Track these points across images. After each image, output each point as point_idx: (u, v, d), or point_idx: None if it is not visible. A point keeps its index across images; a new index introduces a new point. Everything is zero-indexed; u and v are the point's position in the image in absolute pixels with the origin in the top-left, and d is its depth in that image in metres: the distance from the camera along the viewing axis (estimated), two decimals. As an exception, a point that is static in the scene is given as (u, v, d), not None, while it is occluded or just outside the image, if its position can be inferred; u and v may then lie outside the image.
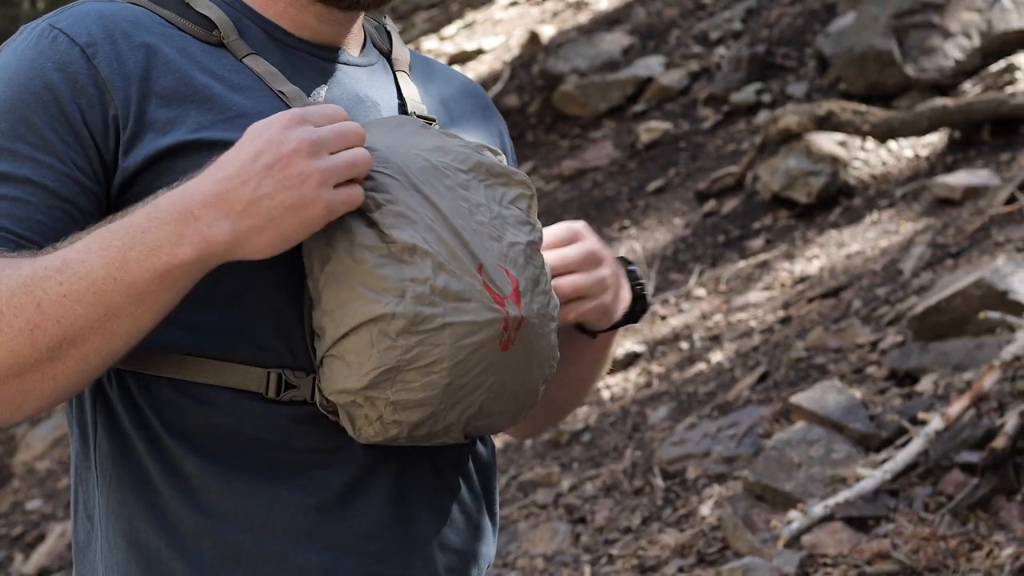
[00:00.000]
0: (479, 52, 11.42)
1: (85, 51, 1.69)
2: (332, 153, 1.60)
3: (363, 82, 1.85)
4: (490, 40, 11.61)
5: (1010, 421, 4.67)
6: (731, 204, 8.18)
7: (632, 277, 1.92)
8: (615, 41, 10.22)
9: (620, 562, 5.15)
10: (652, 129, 9.20)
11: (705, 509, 5.26)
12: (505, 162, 1.78)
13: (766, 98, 8.98)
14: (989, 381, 4.88)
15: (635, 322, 1.93)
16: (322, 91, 1.79)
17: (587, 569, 5.24)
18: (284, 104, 1.74)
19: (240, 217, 1.56)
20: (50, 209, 1.64)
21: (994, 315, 5.08)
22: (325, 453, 1.73)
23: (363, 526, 1.74)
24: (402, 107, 1.88)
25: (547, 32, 11.14)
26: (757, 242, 7.74)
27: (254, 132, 1.60)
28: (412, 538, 1.78)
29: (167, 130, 1.68)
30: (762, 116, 8.80)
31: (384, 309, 1.61)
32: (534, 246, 1.73)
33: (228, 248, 1.58)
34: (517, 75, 10.67)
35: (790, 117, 7.86)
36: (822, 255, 7.29)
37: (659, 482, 5.62)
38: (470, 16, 12.51)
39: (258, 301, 1.70)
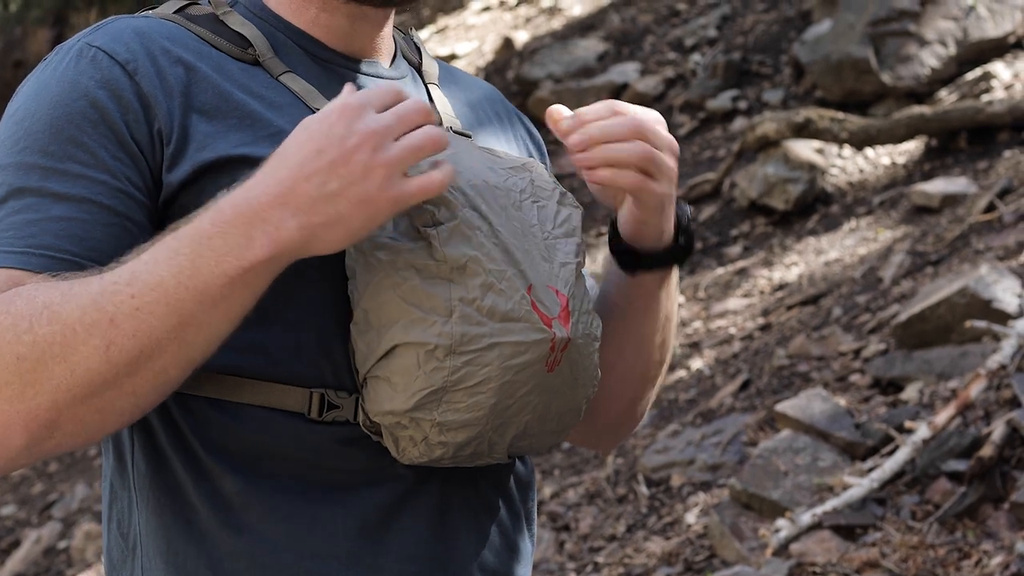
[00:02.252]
0: (452, 57, 11.41)
1: (126, 68, 1.66)
2: (397, 139, 1.56)
3: None
4: (463, 46, 11.60)
5: (997, 430, 4.69)
6: (708, 211, 8.19)
7: (679, 208, 1.83)
8: (590, 47, 10.23)
9: (606, 570, 5.15)
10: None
11: (691, 517, 5.27)
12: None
13: (742, 105, 9.00)
14: (975, 389, 4.89)
15: (680, 262, 1.84)
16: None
17: (573, 577, 5.24)
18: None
19: (308, 215, 1.53)
20: (108, 227, 1.61)
21: (980, 324, 5.10)
22: (367, 473, 1.71)
23: (403, 548, 1.72)
24: (437, 122, 1.87)
25: (521, 38, 11.14)
26: (735, 249, 7.75)
27: (313, 125, 1.56)
28: (452, 560, 1.76)
29: (209, 144, 1.66)
30: (738, 123, 8.82)
31: (431, 328, 1.59)
32: (581, 266, 1.72)
33: (299, 246, 1.54)
34: (491, 81, 10.67)
35: (768, 124, 7.88)
36: (800, 262, 7.31)
37: (643, 490, 5.62)
38: (442, 21, 12.50)
39: (300, 319, 1.67)
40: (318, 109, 1.71)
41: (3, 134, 1.67)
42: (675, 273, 1.87)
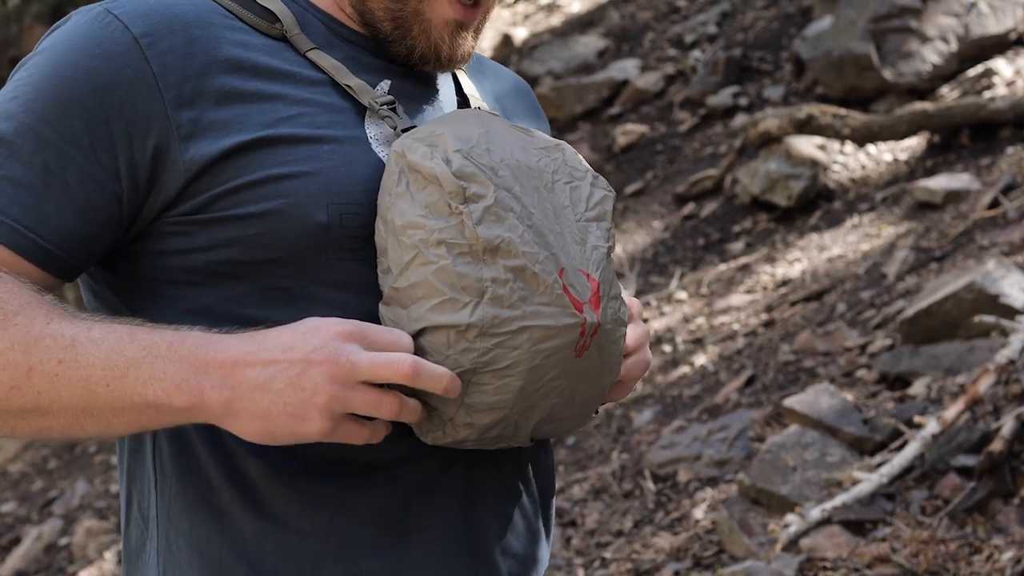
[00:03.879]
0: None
1: (139, 41, 1.63)
2: (361, 382, 1.55)
3: (423, 77, 1.83)
4: (462, 42, 11.58)
5: (1006, 425, 4.68)
6: (710, 207, 8.18)
7: None
8: (589, 44, 10.22)
9: (614, 565, 5.14)
10: (628, 132, 9.20)
11: (698, 512, 5.26)
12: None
13: (743, 101, 8.99)
14: (984, 385, 4.89)
15: None
16: (385, 84, 1.76)
17: (580, 572, 5.23)
18: (351, 98, 1.71)
19: (241, 396, 1.54)
20: (62, 204, 1.60)
21: (988, 319, 5.09)
22: (391, 458, 1.70)
23: (428, 532, 1.72)
24: (463, 104, 1.87)
25: (520, 34, 11.13)
26: (737, 245, 7.75)
27: (310, 324, 1.57)
28: (476, 544, 1.76)
29: (226, 132, 1.63)
30: (739, 119, 8.81)
31: (463, 310, 1.57)
32: (611, 251, 1.71)
33: (217, 415, 1.56)
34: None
35: (770, 120, 7.87)
36: (803, 258, 7.30)
37: (650, 485, 5.61)
38: (440, 18, 12.47)
39: (326, 299, 1.66)
40: (348, 85, 1.70)
41: (7, 83, 1.67)
42: None
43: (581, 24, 10.74)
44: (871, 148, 8.00)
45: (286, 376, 1.53)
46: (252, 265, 1.64)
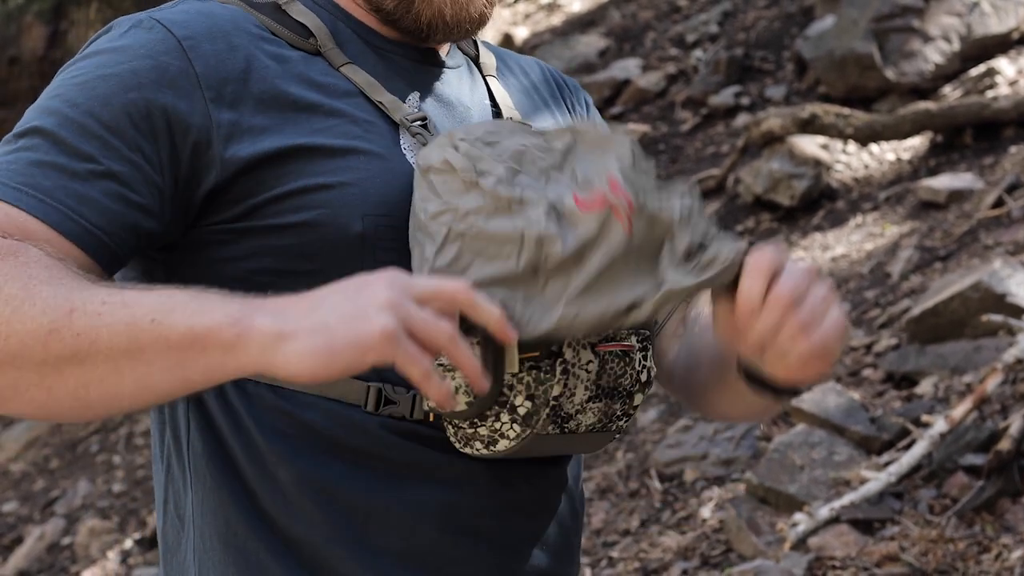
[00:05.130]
0: (451, 53, 11.39)
1: (182, 43, 1.65)
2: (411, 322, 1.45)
3: (453, 85, 1.85)
4: (462, 41, 11.58)
5: (1015, 424, 4.69)
6: (713, 206, 8.18)
7: None
8: (591, 43, 10.22)
9: (621, 565, 5.14)
10: (630, 131, 9.20)
11: (706, 511, 5.26)
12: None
13: (744, 101, 8.99)
14: (992, 384, 4.89)
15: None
16: (415, 96, 1.78)
17: (588, 571, 5.23)
18: (383, 114, 1.73)
19: (295, 318, 1.42)
20: (107, 195, 1.59)
21: (996, 318, 5.09)
22: (424, 469, 1.70)
23: (458, 546, 1.72)
24: (495, 112, 1.87)
25: (520, 34, 11.13)
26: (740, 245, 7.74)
27: (355, 278, 1.48)
28: (506, 560, 1.75)
29: (262, 136, 1.65)
30: (741, 119, 8.81)
31: (508, 261, 1.58)
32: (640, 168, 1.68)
33: (268, 345, 1.42)
34: (491, 77, 10.66)
35: (773, 120, 7.87)
36: (807, 258, 7.30)
37: (656, 484, 5.61)
38: (440, 17, 12.47)
39: None
40: (380, 102, 1.72)
41: (49, 86, 1.67)
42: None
43: (582, 23, 10.74)
44: (874, 147, 8.00)
45: (342, 293, 1.44)
46: (287, 274, 1.65)
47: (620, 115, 9.51)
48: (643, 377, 1.70)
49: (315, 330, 1.40)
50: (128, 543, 7.55)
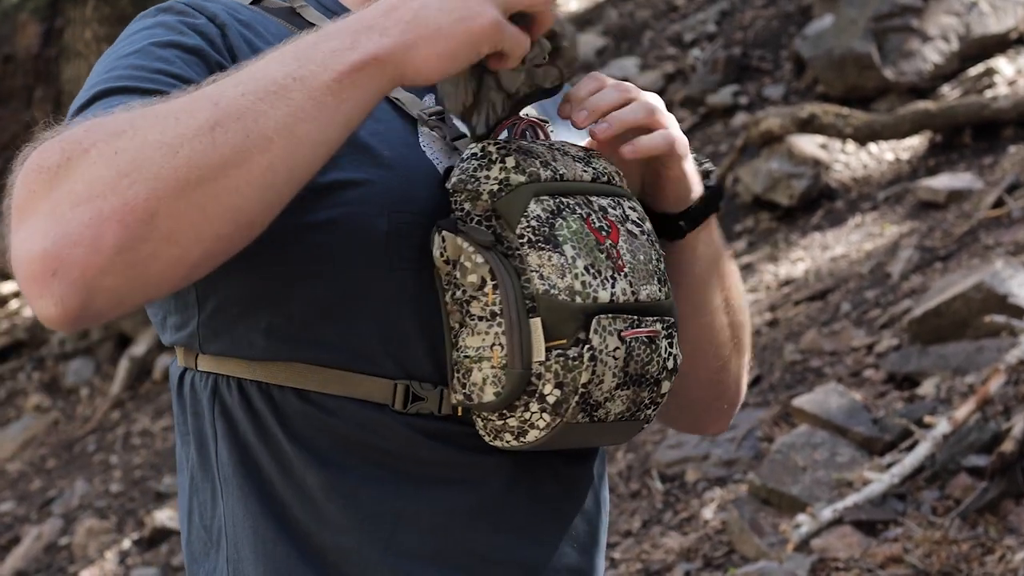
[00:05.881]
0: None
1: (214, 21, 1.67)
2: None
3: None
4: (459, 40, 11.59)
5: (1018, 425, 4.68)
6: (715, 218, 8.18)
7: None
8: (589, 42, 10.21)
9: (624, 566, 5.13)
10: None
11: (708, 512, 5.25)
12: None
13: (743, 100, 8.98)
14: (995, 385, 4.89)
15: (716, 208, 1.83)
16: (430, 98, 1.77)
17: (589, 573, 5.22)
18: (400, 111, 1.72)
19: (408, 27, 1.50)
20: None
21: (999, 319, 5.09)
22: (453, 468, 1.68)
23: (488, 547, 1.70)
24: None
25: (517, 32, 11.13)
26: (740, 244, 7.74)
27: None
28: (536, 559, 1.74)
29: None
30: (739, 118, 8.81)
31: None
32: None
33: (397, 56, 1.50)
34: (488, 75, 10.65)
35: (772, 119, 7.87)
36: (806, 257, 7.30)
37: (658, 485, 5.60)
38: (437, 16, 12.48)
39: (384, 308, 1.65)
40: (397, 98, 1.71)
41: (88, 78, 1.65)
42: (714, 223, 1.85)
43: (580, 22, 10.73)
44: (872, 147, 8.00)
45: None
46: (313, 269, 1.64)
47: (618, 114, 9.50)
48: (669, 364, 1.69)
49: (433, 37, 1.50)
50: (126, 543, 7.54)
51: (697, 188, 1.78)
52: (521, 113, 1.84)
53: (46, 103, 11.51)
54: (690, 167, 1.76)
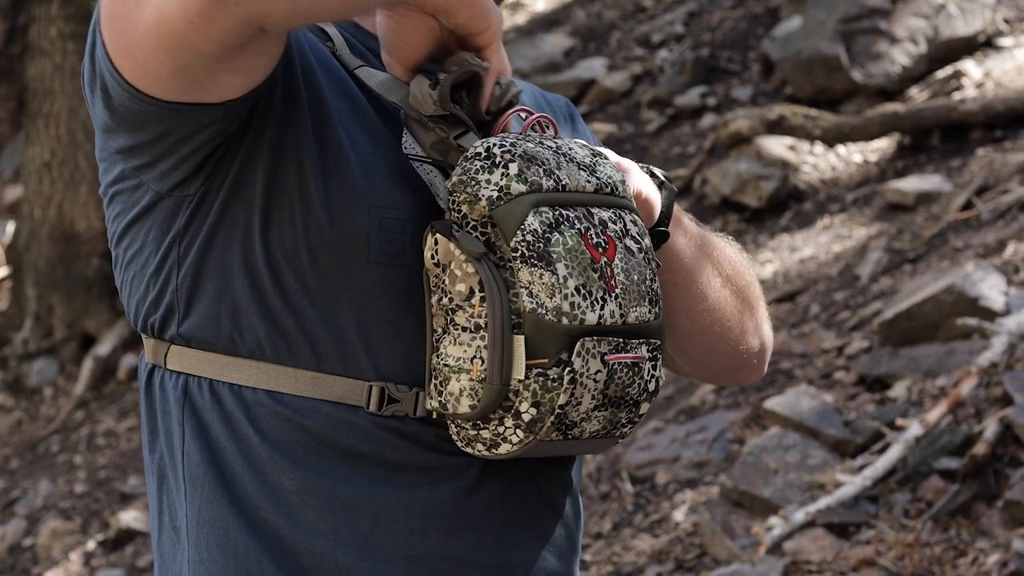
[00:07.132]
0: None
1: None
2: None
3: None
4: (426, 40, 11.55)
5: (989, 427, 4.69)
6: (680, 207, 8.17)
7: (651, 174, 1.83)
8: (556, 43, 10.19)
9: (595, 568, 5.11)
10: (596, 131, 9.18)
11: (679, 515, 5.24)
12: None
13: (711, 101, 8.98)
14: (966, 387, 4.89)
15: (672, 202, 1.81)
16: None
17: (560, 575, 5.20)
18: (387, 112, 1.73)
19: None
20: None
21: (971, 321, 5.09)
22: (429, 471, 1.68)
23: (465, 550, 1.70)
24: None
25: (484, 32, 11.10)
26: (708, 246, 7.74)
27: None
28: (512, 563, 1.74)
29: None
30: (707, 119, 8.81)
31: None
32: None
33: None
34: (456, 75, 10.62)
35: (741, 121, 7.87)
36: (775, 259, 7.30)
37: (628, 487, 5.58)
38: (403, 15, 12.44)
39: (360, 309, 1.65)
40: (395, 102, 1.70)
41: None
42: (680, 213, 1.85)
43: (547, 23, 10.72)
44: (841, 149, 8.01)
45: None
46: (295, 264, 1.66)
47: (586, 115, 9.49)
48: (651, 387, 1.68)
49: None
50: (91, 544, 7.48)
51: (657, 197, 1.78)
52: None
53: (9, 101, 11.43)
54: (644, 184, 1.76)
